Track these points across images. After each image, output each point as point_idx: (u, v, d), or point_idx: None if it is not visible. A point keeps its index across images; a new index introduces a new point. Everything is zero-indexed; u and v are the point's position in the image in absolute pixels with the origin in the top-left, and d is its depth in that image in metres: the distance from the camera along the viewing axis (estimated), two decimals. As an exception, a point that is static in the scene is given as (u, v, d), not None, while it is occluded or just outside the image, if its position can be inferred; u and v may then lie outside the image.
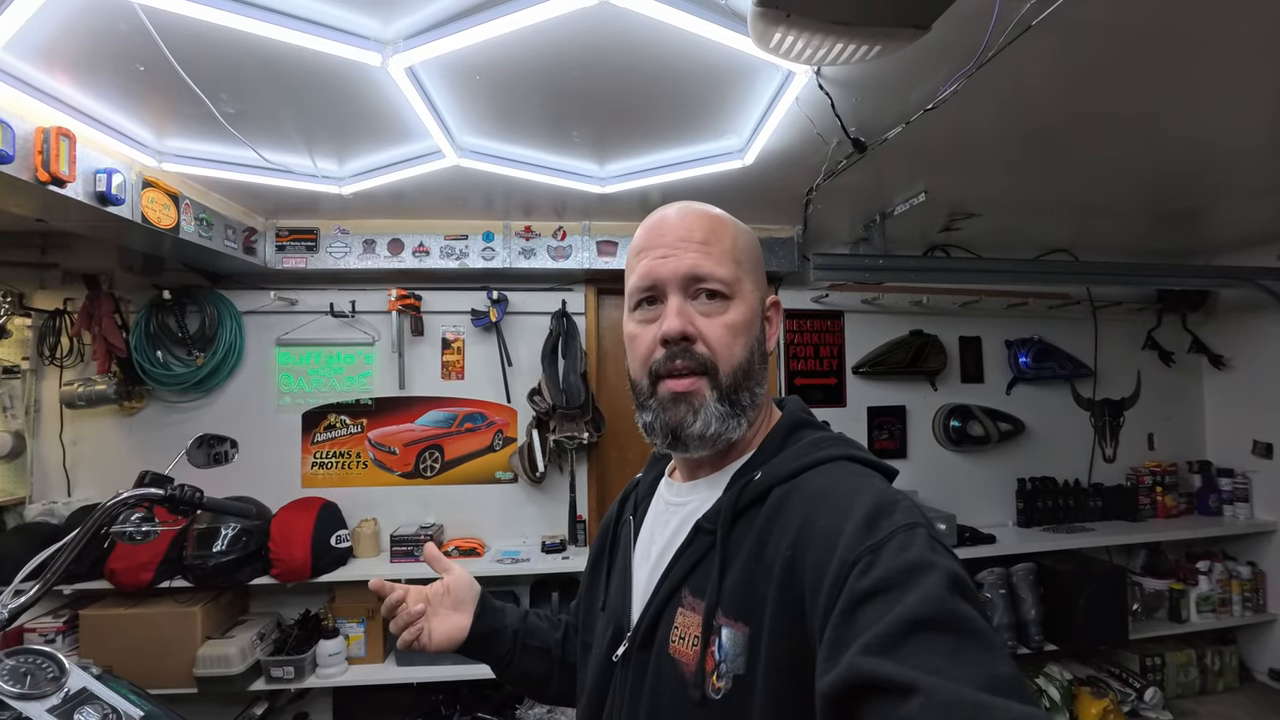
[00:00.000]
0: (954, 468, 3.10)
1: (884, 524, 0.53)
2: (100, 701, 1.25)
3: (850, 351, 3.05)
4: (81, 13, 1.20)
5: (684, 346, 0.67)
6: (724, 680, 0.59)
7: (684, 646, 0.63)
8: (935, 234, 2.85)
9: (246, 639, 2.37)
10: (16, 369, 2.66)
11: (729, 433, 0.67)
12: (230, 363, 2.70)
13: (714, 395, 0.66)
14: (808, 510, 0.59)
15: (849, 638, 0.47)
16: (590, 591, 0.84)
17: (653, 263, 0.68)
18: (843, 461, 0.64)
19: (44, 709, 1.17)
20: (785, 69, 1.42)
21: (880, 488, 0.59)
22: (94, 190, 1.64)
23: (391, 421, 2.81)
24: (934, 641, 0.44)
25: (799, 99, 1.54)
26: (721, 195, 2.26)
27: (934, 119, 1.57)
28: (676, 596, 0.66)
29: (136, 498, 1.39)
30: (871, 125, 1.70)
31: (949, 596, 0.47)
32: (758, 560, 0.60)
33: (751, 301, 0.69)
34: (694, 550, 0.67)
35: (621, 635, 0.71)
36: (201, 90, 1.44)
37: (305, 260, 2.61)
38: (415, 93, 1.46)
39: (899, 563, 0.49)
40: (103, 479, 2.69)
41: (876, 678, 0.43)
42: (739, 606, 0.60)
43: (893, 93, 1.54)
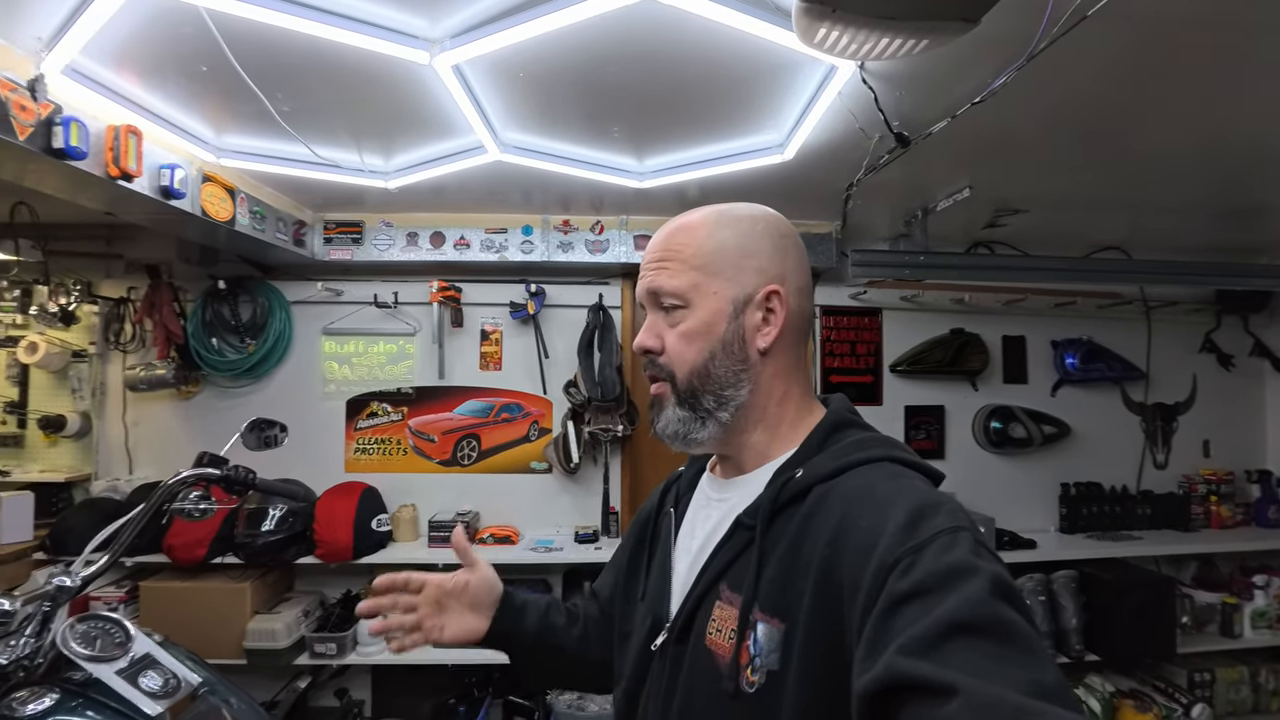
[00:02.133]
0: (994, 470, 3.02)
1: (926, 526, 0.52)
2: (162, 666, 1.33)
3: (888, 349, 3.00)
4: (151, 18, 1.27)
5: (650, 358, 0.73)
6: (758, 675, 0.59)
7: (720, 639, 0.64)
8: (979, 230, 2.78)
9: (292, 615, 2.48)
10: (85, 353, 2.82)
11: (692, 433, 0.71)
12: (279, 350, 2.80)
13: (673, 400, 0.71)
14: (847, 509, 0.59)
15: (887, 639, 0.47)
16: (630, 581, 0.85)
17: (639, 282, 0.75)
18: (885, 463, 0.64)
19: (112, 671, 1.25)
20: (828, 64, 1.41)
21: (923, 489, 0.59)
22: (158, 185, 1.73)
23: (431, 410, 2.89)
24: (975, 645, 0.44)
25: (841, 93, 1.53)
26: (759, 191, 2.25)
27: (981, 112, 1.53)
28: (714, 590, 0.67)
29: (196, 476, 1.47)
30: (915, 119, 1.67)
31: (992, 600, 0.46)
32: (795, 557, 0.61)
33: (714, 304, 0.69)
34: (733, 545, 0.68)
35: (660, 626, 0.73)
36: (259, 89, 1.50)
37: (351, 252, 2.69)
38: (460, 90, 1.50)
39: (940, 565, 0.48)
40: (161, 459, 2.83)
41: (914, 678, 0.43)
42: (775, 603, 0.60)
43: (938, 86, 1.51)
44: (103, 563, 1.38)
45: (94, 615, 1.35)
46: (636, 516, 0.93)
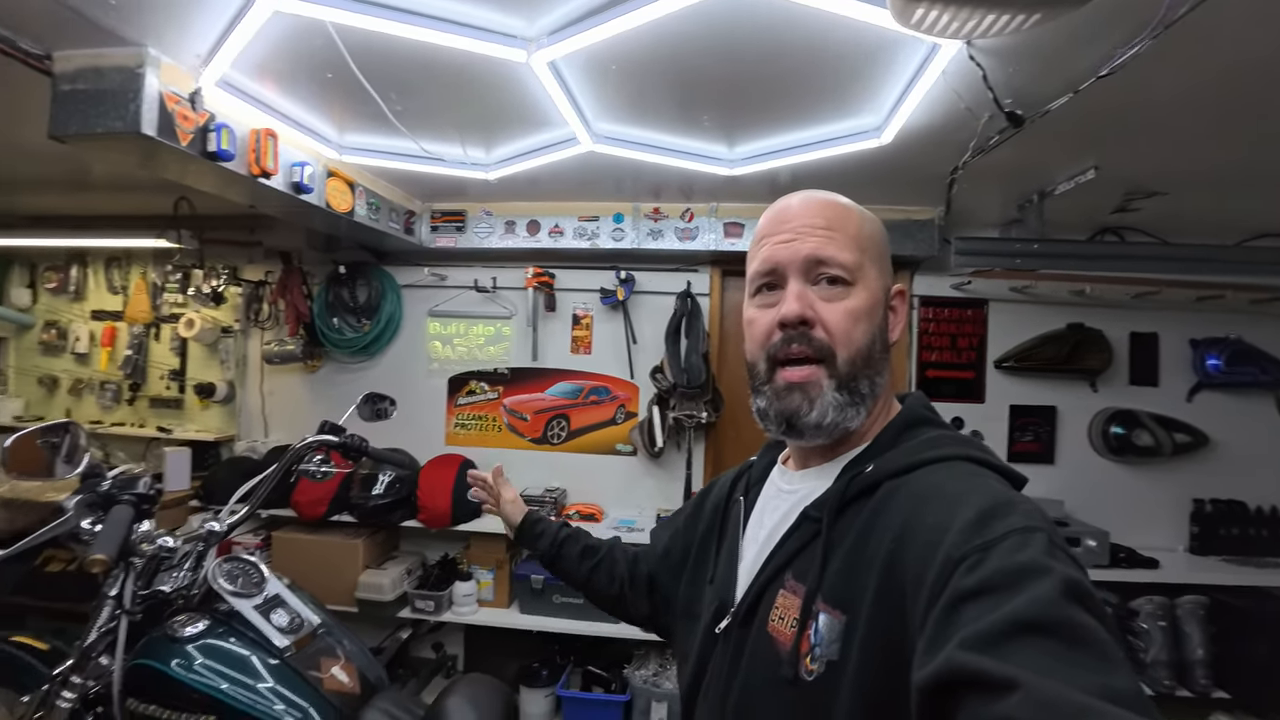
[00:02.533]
0: (1112, 480, 2.76)
1: (997, 524, 0.50)
2: (289, 606, 1.51)
3: (993, 344, 2.80)
4: (286, 33, 1.41)
5: (802, 331, 0.67)
6: (817, 664, 0.60)
7: (782, 626, 0.65)
8: (1106, 215, 2.52)
9: (397, 572, 2.72)
10: (230, 329, 3.21)
11: (846, 421, 0.67)
12: (390, 330, 3.05)
13: (831, 384, 0.66)
14: (915, 505, 0.58)
15: (948, 634, 0.46)
16: (699, 563, 0.88)
17: (774, 248, 0.69)
18: (960, 461, 0.62)
19: (250, 606, 1.44)
20: (930, 42, 1.33)
21: (998, 489, 0.57)
22: (291, 181, 1.93)
23: (524, 390, 3.04)
24: (1041, 645, 0.42)
25: (945, 72, 1.44)
26: (855, 176, 2.17)
27: (1109, 85, 1.39)
28: (779, 579, 0.68)
29: (318, 442, 1.65)
30: (1030, 96, 1.54)
31: (1063, 602, 0.44)
32: (860, 551, 0.61)
33: (874, 289, 0.69)
34: (799, 536, 0.68)
35: (725, 610, 0.74)
36: (375, 91, 1.64)
37: (454, 240, 2.86)
38: (555, 85, 1.56)
39: (1009, 564, 0.47)
40: (290, 424, 3.18)
41: (974, 672, 0.42)
42: (838, 595, 0.61)
43: (1057, 60, 1.38)
44: (243, 513, 1.58)
45: (236, 557, 1.56)
46: (702, 496, 0.97)
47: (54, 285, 3.44)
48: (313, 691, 1.36)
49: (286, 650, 1.40)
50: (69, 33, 1.41)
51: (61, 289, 3.43)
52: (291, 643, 1.43)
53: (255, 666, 1.35)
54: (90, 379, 3.41)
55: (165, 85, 1.47)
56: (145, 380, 3.34)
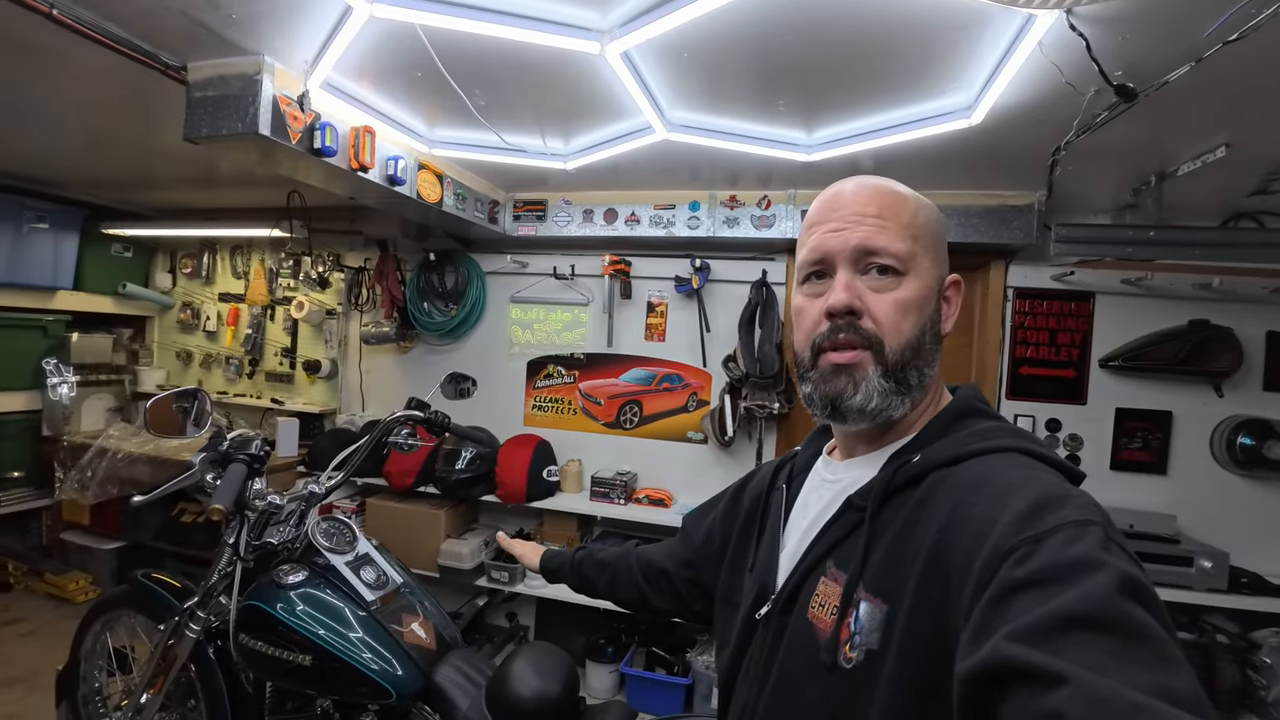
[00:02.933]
0: (1236, 496, 2.47)
1: (1050, 516, 0.49)
2: (376, 565, 1.64)
3: (1099, 341, 2.58)
4: (380, 37, 1.52)
5: (849, 321, 0.66)
6: (856, 651, 0.60)
7: (822, 614, 0.65)
8: (1242, 199, 2.24)
9: (475, 543, 2.88)
10: (334, 312, 3.49)
11: (890, 409, 0.66)
12: (475, 315, 3.21)
13: (878, 371, 0.66)
14: (964, 494, 0.57)
15: (995, 625, 0.44)
16: (739, 552, 0.89)
17: (823, 236, 0.69)
18: (1013, 453, 0.60)
19: (343, 561, 1.59)
20: (1024, 13, 1.24)
21: (1052, 481, 0.55)
22: (385, 174, 2.08)
23: (599, 375, 3.12)
24: (1094, 642, 0.40)
25: (1042, 44, 1.34)
26: (942, 160, 2.06)
27: (1241, 51, 1.25)
28: (821, 566, 0.68)
29: (406, 417, 1.78)
30: (1145, 67, 1.40)
31: (1119, 598, 0.42)
32: (905, 541, 0.60)
33: (927, 279, 0.68)
34: (842, 525, 0.68)
35: (765, 596, 0.75)
36: (460, 88, 1.73)
37: (535, 228, 2.97)
38: (629, 74, 1.58)
39: (1062, 557, 0.45)
40: (384, 400, 3.43)
41: (1021, 664, 0.41)
42: (880, 584, 0.60)
43: (1174, 25, 1.25)
44: (339, 478, 1.74)
45: (333, 517, 1.72)
46: (740, 487, 0.97)
47: (189, 270, 3.87)
48: (394, 643, 1.48)
49: (373, 604, 1.54)
50: (200, 45, 1.58)
51: (195, 274, 3.87)
52: (378, 598, 1.56)
53: (347, 616, 1.49)
54: (218, 354, 3.82)
55: (278, 89, 1.63)
56: (262, 356, 3.70)
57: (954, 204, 2.45)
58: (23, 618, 3.09)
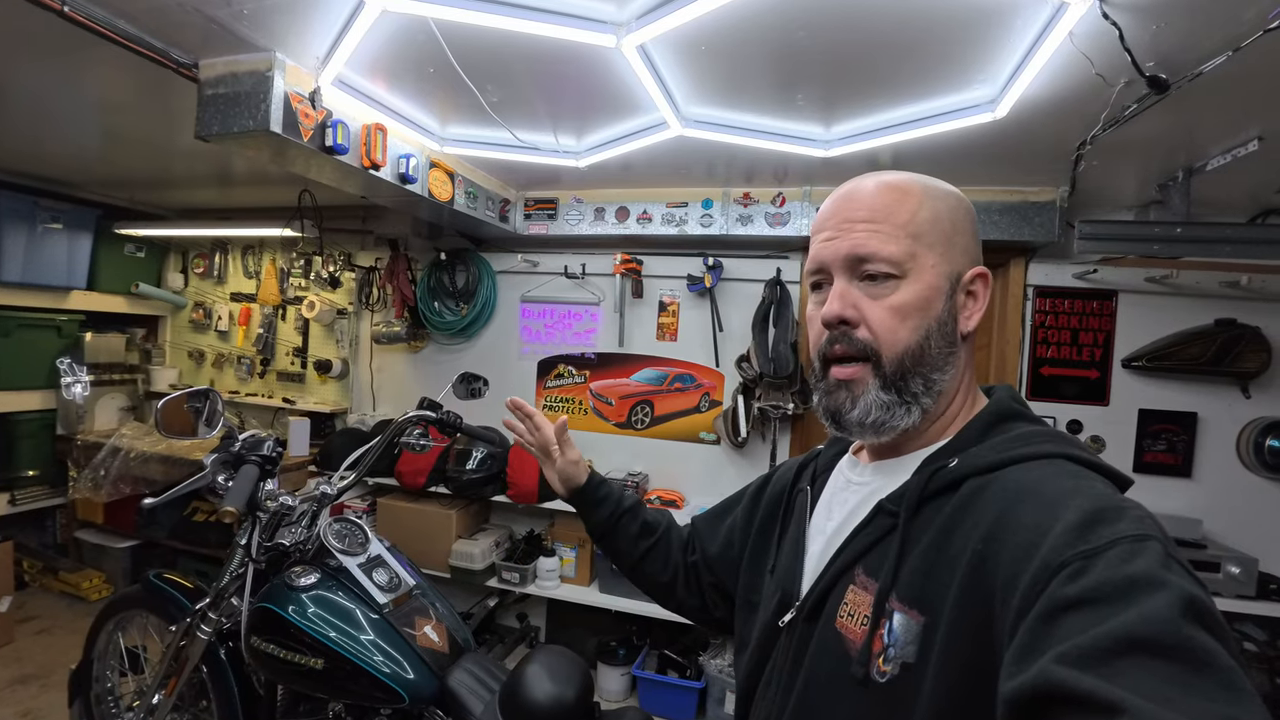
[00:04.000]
0: (1265, 500, 2.41)
1: (1104, 530, 0.46)
2: (389, 567, 1.63)
3: (1122, 340, 2.52)
4: (392, 32, 1.50)
5: (843, 330, 0.65)
6: (891, 665, 0.57)
7: (852, 624, 0.62)
8: (1272, 194, 2.19)
9: (487, 543, 2.86)
10: (345, 311, 3.48)
11: (894, 421, 0.64)
12: (486, 314, 3.19)
13: (876, 383, 0.64)
14: (1009, 504, 0.54)
15: (1044, 645, 0.42)
16: (759, 552, 0.86)
17: (819, 246, 0.68)
18: (1059, 460, 0.57)
19: (355, 563, 1.57)
20: (1056, 2, 1.20)
21: (1105, 492, 0.52)
22: (397, 172, 2.06)
23: (610, 375, 3.09)
24: (1154, 668, 0.38)
25: (1073, 34, 1.29)
26: (963, 155, 2.02)
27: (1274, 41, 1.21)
28: (849, 574, 0.66)
29: (418, 417, 1.76)
30: (1178, 57, 1.36)
31: (1181, 621, 0.39)
32: (942, 550, 0.57)
33: (931, 279, 0.64)
34: (872, 530, 0.65)
35: (789, 603, 0.72)
36: (473, 83, 1.70)
37: (546, 227, 2.94)
38: (644, 68, 1.55)
39: (1118, 575, 0.42)
40: (396, 399, 3.42)
41: (1073, 690, 0.38)
42: (916, 594, 0.57)
43: (1213, 13, 1.20)
44: (352, 478, 1.72)
45: (344, 519, 1.70)
46: (759, 487, 0.94)
47: (201, 270, 3.89)
48: (406, 646, 1.46)
49: (385, 606, 1.52)
50: (211, 43, 1.56)
51: (207, 273, 3.88)
52: (390, 600, 1.55)
53: (359, 618, 1.47)
54: (230, 353, 3.83)
55: (290, 86, 1.61)
56: (274, 356, 3.70)
57: (973, 200, 2.37)
58: (37, 615, 3.10)
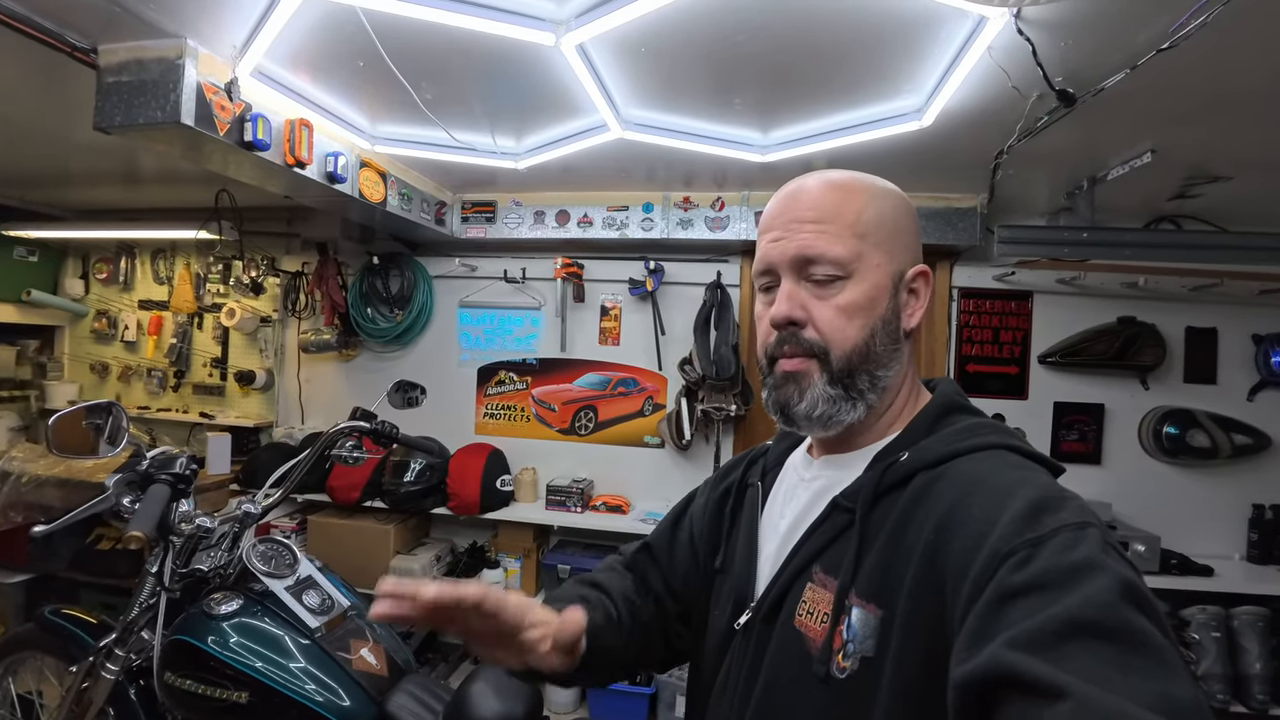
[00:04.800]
0: (1164, 483, 2.62)
1: (1048, 519, 0.48)
2: (320, 588, 1.53)
3: (1038, 338, 2.69)
4: (318, 21, 1.42)
5: (792, 331, 0.66)
6: (850, 660, 0.57)
7: (811, 622, 0.62)
8: (1163, 202, 2.39)
9: (427, 558, 2.76)
10: (269, 319, 3.29)
11: (840, 415, 0.65)
12: (422, 320, 3.08)
13: (824, 378, 0.65)
14: (958, 496, 0.55)
15: (994, 630, 0.44)
16: (710, 552, 0.83)
17: (767, 246, 0.68)
18: (1002, 450, 0.60)
19: (283, 586, 1.47)
20: (976, 15, 1.27)
21: (1046, 482, 0.55)
22: (325, 171, 1.96)
23: (552, 381, 3.04)
24: (1096, 649, 0.40)
25: (991, 49, 1.37)
26: (893, 162, 2.10)
27: (1170, 60, 1.31)
28: (807, 572, 0.65)
29: (351, 428, 1.67)
30: (1084, 73, 1.46)
31: (1121, 604, 0.42)
32: (897, 543, 0.58)
33: (876, 278, 0.65)
34: (828, 528, 0.65)
35: (744, 604, 0.71)
36: (405, 79, 1.64)
37: (484, 230, 2.88)
38: (584, 68, 1.53)
39: (1062, 561, 0.45)
40: (326, 411, 3.25)
41: (1022, 674, 0.40)
42: (874, 588, 0.58)
43: (1114, 32, 1.30)
44: (278, 495, 1.62)
45: (271, 539, 1.59)
46: (714, 482, 0.89)
47: (104, 276, 3.58)
48: (341, 672, 1.38)
49: (317, 631, 1.43)
50: (113, 26, 1.44)
51: (112, 279, 3.57)
52: (322, 624, 1.45)
53: (287, 646, 1.37)
54: (138, 366, 3.54)
55: (203, 76, 1.50)
56: (189, 368, 3.45)
57: (902, 206, 2.51)
58: (-91, 664, 2.76)
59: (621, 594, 0.83)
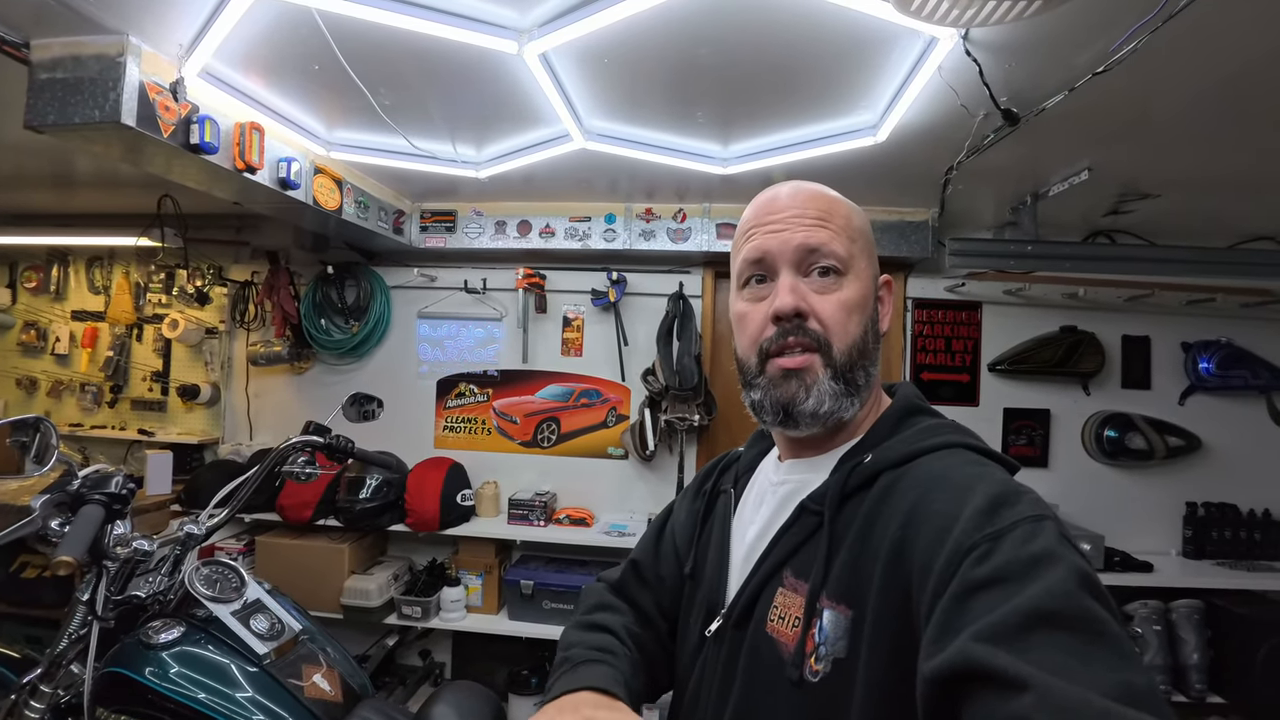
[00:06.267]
0: (1106, 483, 2.75)
1: (1007, 513, 0.50)
2: (270, 612, 1.46)
3: (987, 347, 2.80)
4: (271, 22, 1.38)
5: (797, 323, 0.65)
6: (823, 663, 0.57)
7: (783, 626, 0.62)
8: (1099, 218, 2.52)
9: (384, 577, 2.66)
10: (216, 330, 3.15)
11: (841, 411, 0.65)
12: (379, 332, 3.00)
13: (828, 373, 0.64)
14: (921, 492, 0.57)
15: (959, 624, 0.45)
16: (683, 558, 0.82)
17: (765, 238, 0.67)
18: (960, 449, 0.61)
19: (228, 611, 1.39)
20: (927, 35, 1.32)
21: (1003, 477, 0.56)
22: (277, 176, 1.89)
23: (514, 393, 3.00)
24: (1058, 639, 0.41)
25: (941, 68, 1.43)
26: (849, 176, 2.16)
27: (1105, 83, 1.39)
28: (777, 576, 0.65)
29: (304, 443, 1.61)
30: (1027, 94, 1.53)
31: (1079, 593, 0.43)
32: (864, 543, 0.59)
33: (865, 279, 0.68)
34: (798, 531, 0.65)
35: (715, 611, 0.71)
36: (363, 84, 1.60)
37: (444, 240, 2.83)
38: (547, 78, 1.53)
39: (1022, 553, 0.46)
40: (277, 427, 3.12)
41: (988, 667, 0.41)
42: (843, 589, 0.58)
43: (1054, 55, 1.37)
44: (223, 515, 1.54)
45: (215, 561, 1.51)
46: (691, 491, 0.88)
47: (34, 285, 3.37)
48: (293, 700, 1.31)
49: (266, 657, 1.35)
50: (48, 20, 1.36)
51: (41, 288, 3.36)
52: (271, 650, 1.38)
53: (233, 675, 1.30)
54: (70, 380, 3.34)
55: (147, 75, 1.43)
56: (127, 382, 3.27)
57: (858, 219, 2.59)
58: None
59: (627, 631, 0.79)
